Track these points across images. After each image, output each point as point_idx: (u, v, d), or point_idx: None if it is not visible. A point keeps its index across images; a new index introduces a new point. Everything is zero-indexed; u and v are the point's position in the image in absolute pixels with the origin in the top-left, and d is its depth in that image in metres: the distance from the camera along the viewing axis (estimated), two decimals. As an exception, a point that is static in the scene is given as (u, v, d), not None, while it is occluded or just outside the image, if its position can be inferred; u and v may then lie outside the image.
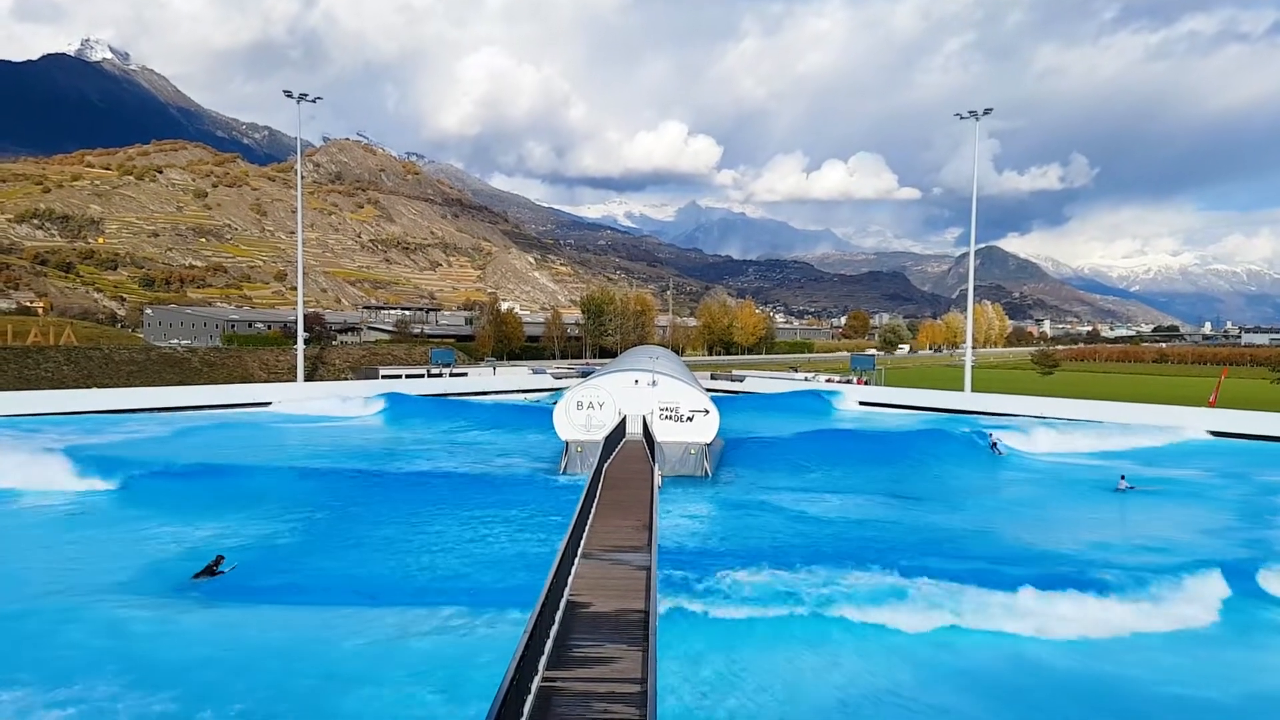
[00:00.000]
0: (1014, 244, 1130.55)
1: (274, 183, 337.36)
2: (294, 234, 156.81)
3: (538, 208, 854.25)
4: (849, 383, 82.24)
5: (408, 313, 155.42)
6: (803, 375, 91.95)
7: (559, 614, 13.26)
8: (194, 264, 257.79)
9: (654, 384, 40.29)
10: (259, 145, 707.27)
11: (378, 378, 79.99)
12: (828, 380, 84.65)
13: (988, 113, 68.56)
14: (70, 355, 77.51)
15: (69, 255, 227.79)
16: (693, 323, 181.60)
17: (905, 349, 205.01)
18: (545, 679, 10.88)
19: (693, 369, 71.80)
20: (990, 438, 47.96)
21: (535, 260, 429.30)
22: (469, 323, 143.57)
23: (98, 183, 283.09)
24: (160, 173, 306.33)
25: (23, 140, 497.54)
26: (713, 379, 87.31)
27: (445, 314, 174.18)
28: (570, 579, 15.24)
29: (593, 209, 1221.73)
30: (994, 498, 36.15)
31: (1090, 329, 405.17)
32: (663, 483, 31.09)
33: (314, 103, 73.05)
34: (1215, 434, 54.48)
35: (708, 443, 39.49)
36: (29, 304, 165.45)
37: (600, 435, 35.31)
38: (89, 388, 66.89)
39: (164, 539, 25.89)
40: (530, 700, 10.06)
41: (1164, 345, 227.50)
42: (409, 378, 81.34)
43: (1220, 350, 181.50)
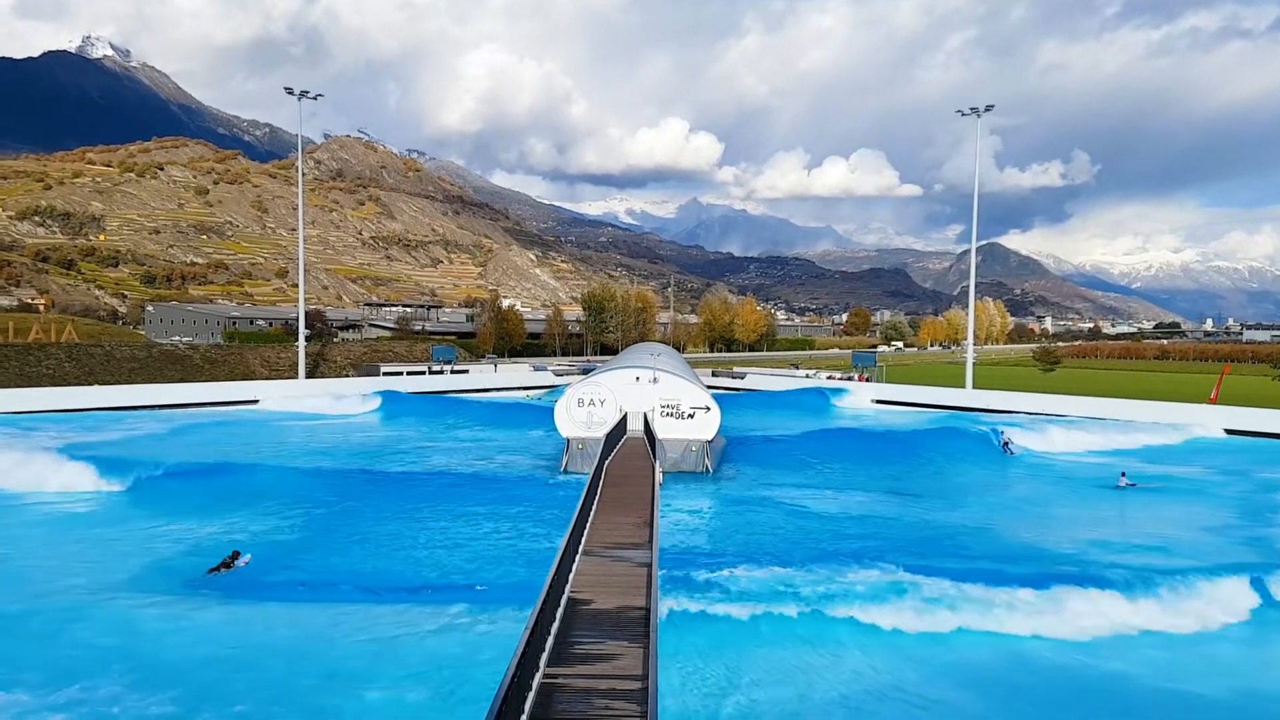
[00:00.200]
0: (1015, 241, 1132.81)
1: (275, 180, 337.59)
2: (295, 231, 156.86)
3: (539, 205, 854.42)
4: (850, 379, 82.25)
5: (409, 310, 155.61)
6: (804, 372, 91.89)
7: (560, 611, 13.27)
8: (195, 261, 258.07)
9: (655, 381, 40.25)
10: (260, 142, 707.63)
11: (379, 375, 79.98)
12: (829, 377, 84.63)
13: (989, 109, 68.42)
14: (72, 352, 77.55)
15: (70, 252, 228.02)
16: (694, 320, 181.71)
17: (899, 345, 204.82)
18: (547, 676, 10.89)
19: (694, 366, 71.73)
20: (1002, 437, 47.30)
21: (536, 257, 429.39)
22: (470, 320, 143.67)
23: (99, 180, 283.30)
24: (161, 170, 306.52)
25: (24, 137, 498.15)
26: (714, 376, 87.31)
27: (446, 311, 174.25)
28: (571, 576, 15.24)
29: (594, 206, 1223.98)
30: (1002, 496, 35.77)
31: (1092, 326, 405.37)
32: (664, 479, 31.08)
33: (315, 100, 73.03)
34: (1231, 432, 53.60)
35: (709, 440, 39.47)
36: (30, 301, 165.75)
37: (601, 432, 35.25)
38: (90, 385, 66.95)
39: (167, 537, 25.87)
40: (532, 697, 10.07)
41: (1165, 342, 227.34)
42: (410, 375, 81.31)
43: (1222, 347, 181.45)
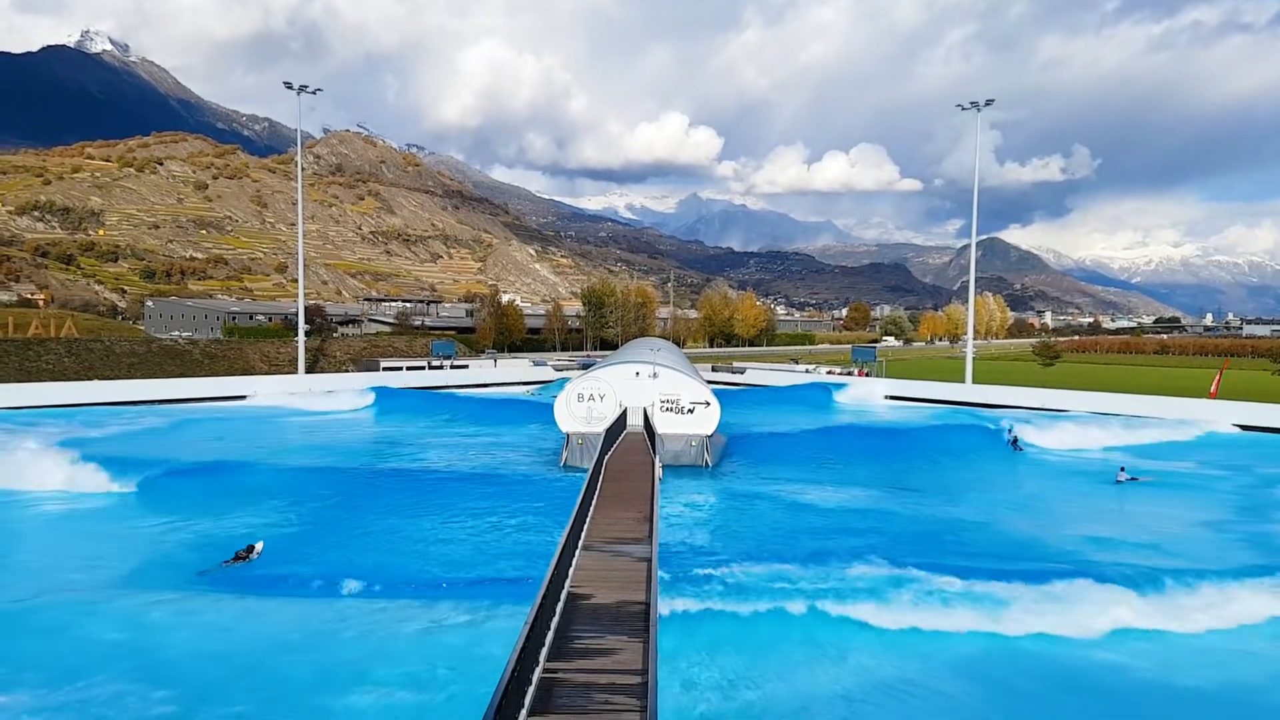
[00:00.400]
0: (1015, 235, 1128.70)
1: (274, 174, 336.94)
2: (294, 226, 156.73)
3: (538, 200, 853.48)
4: (850, 374, 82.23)
5: (408, 305, 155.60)
6: (804, 367, 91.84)
7: (560, 606, 13.28)
8: (194, 256, 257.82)
9: (655, 376, 40.24)
10: (259, 137, 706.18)
11: (379, 370, 79.95)
12: (829, 372, 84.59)
13: (989, 104, 68.29)
14: (71, 347, 77.55)
15: (70, 247, 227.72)
16: (694, 315, 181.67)
17: (890, 340, 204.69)
18: (546, 670, 10.91)
19: (694, 361, 71.73)
20: (1009, 433, 46.49)
21: (536, 252, 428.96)
22: (470, 315, 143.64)
23: (98, 175, 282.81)
24: (160, 165, 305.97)
25: (23, 132, 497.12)
26: (714, 371, 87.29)
27: (446, 306, 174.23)
28: (571, 571, 15.25)
29: (593, 201, 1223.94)
30: (1007, 492, 35.42)
31: (1091, 320, 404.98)
32: (663, 474, 31.09)
33: (314, 94, 72.92)
34: (1243, 427, 52.38)
35: (709, 435, 39.48)
36: (30, 296, 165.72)
37: (601, 427, 35.24)
38: (90, 380, 66.94)
39: (167, 536, 25.85)
40: (531, 691, 10.09)
41: (1165, 337, 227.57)
42: (410, 370, 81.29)
43: (1221, 342, 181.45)
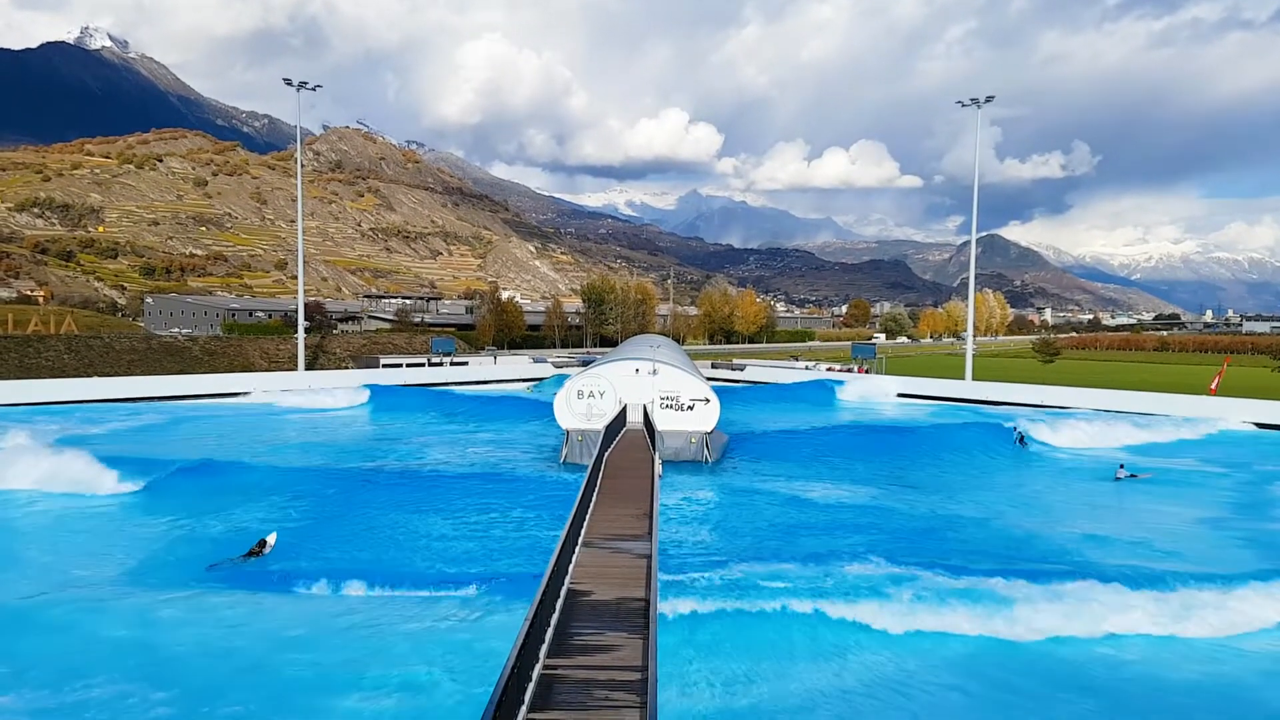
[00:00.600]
0: (1015, 232, 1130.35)
1: (274, 171, 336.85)
2: (294, 222, 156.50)
3: (538, 196, 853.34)
4: (850, 371, 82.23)
5: (408, 302, 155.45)
6: (803, 364, 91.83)
7: (560, 602, 13.29)
8: (194, 253, 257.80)
9: (655, 373, 40.26)
10: (259, 134, 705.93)
11: (378, 367, 79.93)
12: (829, 369, 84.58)
13: (989, 100, 68.20)
14: (71, 344, 77.55)
15: (69, 244, 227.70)
16: (694, 312, 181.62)
17: (880, 338, 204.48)
18: (546, 667, 10.92)
19: (693, 358, 71.67)
20: (1016, 430, 45.77)
21: (536, 249, 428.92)
22: (470, 312, 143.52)
23: (97, 171, 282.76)
24: (160, 161, 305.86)
25: (22, 129, 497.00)
26: (713, 368, 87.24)
27: (446, 303, 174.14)
28: (571, 567, 15.25)
29: (593, 197, 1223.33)
30: (1010, 491, 34.94)
31: (1091, 317, 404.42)
32: (663, 471, 31.10)
33: (314, 91, 72.78)
34: (1260, 425, 51.40)
35: (708, 431, 39.51)
36: (29, 292, 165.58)
37: (601, 424, 35.24)
38: (89, 377, 66.95)
39: (167, 535, 25.84)
40: (531, 687, 10.10)
41: (1165, 334, 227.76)
42: (410, 366, 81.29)
43: (1221, 338, 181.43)
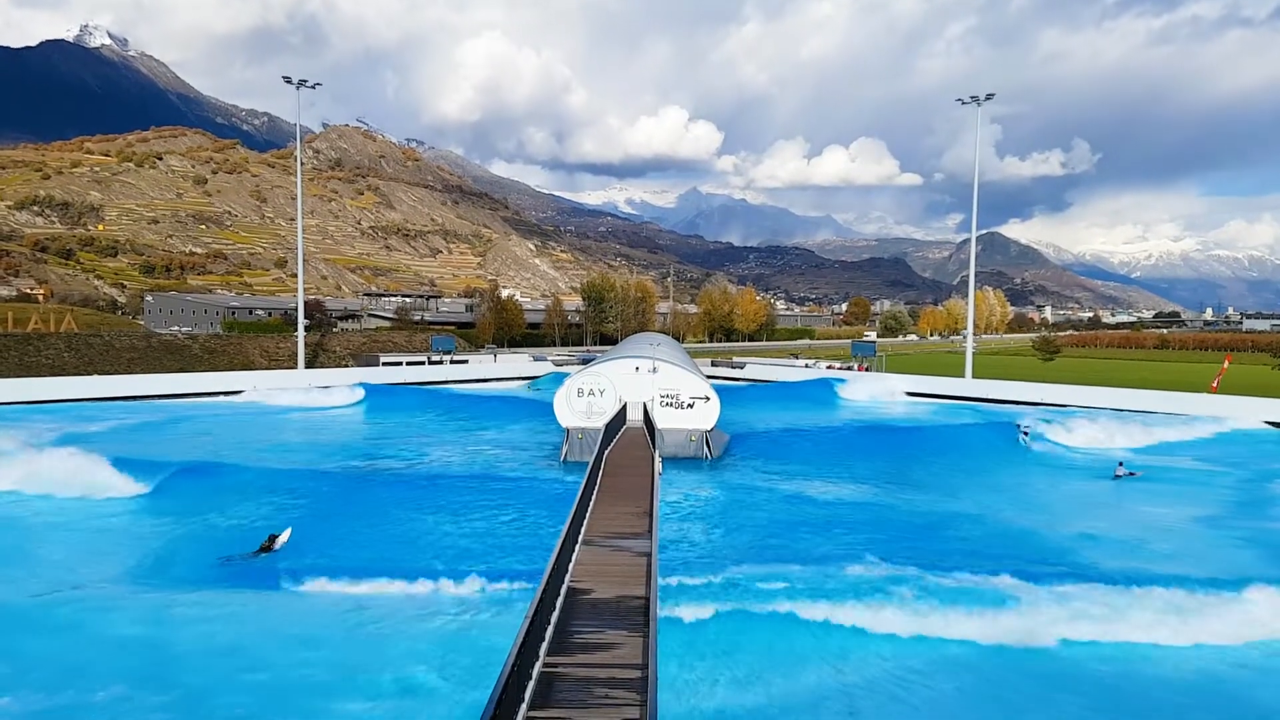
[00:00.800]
0: (1015, 230, 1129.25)
1: (274, 169, 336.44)
2: (294, 221, 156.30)
3: (538, 194, 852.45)
4: (850, 369, 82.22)
5: (408, 300, 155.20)
6: (803, 362, 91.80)
7: (560, 600, 13.31)
8: (194, 251, 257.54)
9: (655, 371, 40.29)
10: (258, 131, 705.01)
11: (378, 365, 79.93)
12: (829, 367, 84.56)
13: (990, 98, 68.18)
14: (71, 342, 77.57)
15: (69, 242, 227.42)
16: (693, 309, 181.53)
17: (872, 336, 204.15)
18: (546, 664, 10.93)
19: (693, 356, 71.71)
20: (1020, 428, 45.10)
21: (536, 247, 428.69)
22: (469, 310, 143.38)
23: (97, 169, 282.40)
24: (160, 159, 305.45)
25: (22, 127, 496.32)
26: (713, 366, 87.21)
27: (446, 301, 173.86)
28: (571, 565, 15.27)
29: (593, 195, 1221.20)
30: (1013, 491, 34.72)
31: (1091, 315, 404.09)
32: (663, 469, 31.12)
33: (313, 89, 72.75)
34: (1273, 424, 50.91)
35: (708, 429, 39.54)
36: (29, 291, 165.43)
37: (601, 422, 35.26)
38: (89, 375, 66.96)
39: (176, 534, 25.84)
40: (532, 685, 10.12)
41: (1165, 331, 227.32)
42: (410, 365, 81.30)
43: (1221, 336, 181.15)
